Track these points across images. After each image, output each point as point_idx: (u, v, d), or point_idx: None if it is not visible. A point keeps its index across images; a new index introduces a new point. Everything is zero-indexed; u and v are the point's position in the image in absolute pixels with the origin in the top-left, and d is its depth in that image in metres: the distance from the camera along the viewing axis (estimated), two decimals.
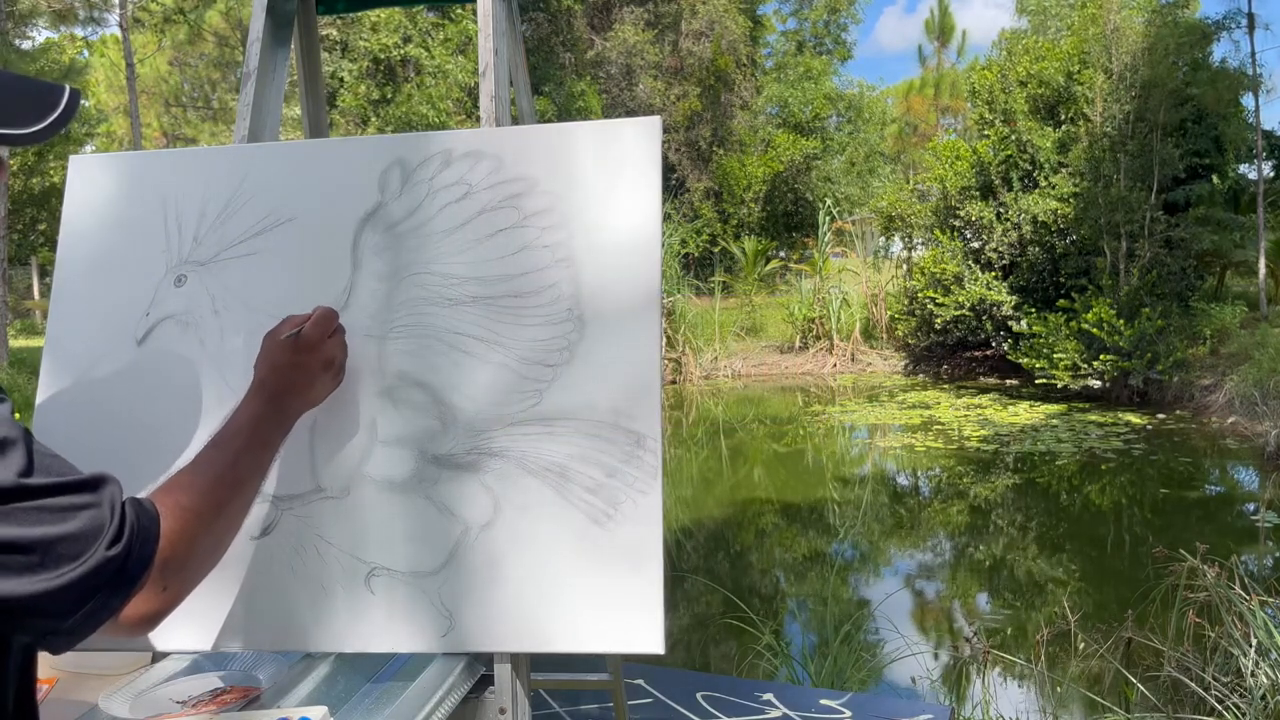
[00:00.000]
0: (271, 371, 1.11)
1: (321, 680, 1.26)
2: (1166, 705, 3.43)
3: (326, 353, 1.16)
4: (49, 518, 0.73)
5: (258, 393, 1.09)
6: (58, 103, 0.84)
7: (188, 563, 0.87)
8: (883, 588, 7.03)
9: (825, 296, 18.58)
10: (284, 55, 1.63)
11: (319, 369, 1.15)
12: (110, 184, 1.42)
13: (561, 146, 1.34)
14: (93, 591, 0.75)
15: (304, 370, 1.13)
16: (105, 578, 0.76)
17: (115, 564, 0.77)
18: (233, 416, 1.06)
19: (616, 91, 22.65)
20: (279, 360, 1.11)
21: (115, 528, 0.77)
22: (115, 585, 0.78)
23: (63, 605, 0.74)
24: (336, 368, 1.20)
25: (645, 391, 1.24)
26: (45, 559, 0.72)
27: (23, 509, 0.72)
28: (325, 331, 1.15)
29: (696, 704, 2.54)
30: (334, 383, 1.21)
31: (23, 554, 0.71)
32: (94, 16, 19.85)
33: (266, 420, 1.07)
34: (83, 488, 0.77)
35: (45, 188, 22.52)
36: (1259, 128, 15.10)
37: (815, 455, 12.07)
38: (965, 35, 47.32)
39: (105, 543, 0.76)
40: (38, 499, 0.73)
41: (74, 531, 0.74)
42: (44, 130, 0.82)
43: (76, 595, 0.74)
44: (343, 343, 1.21)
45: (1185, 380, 13.22)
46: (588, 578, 1.21)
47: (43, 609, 0.73)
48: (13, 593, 0.71)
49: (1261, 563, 6.94)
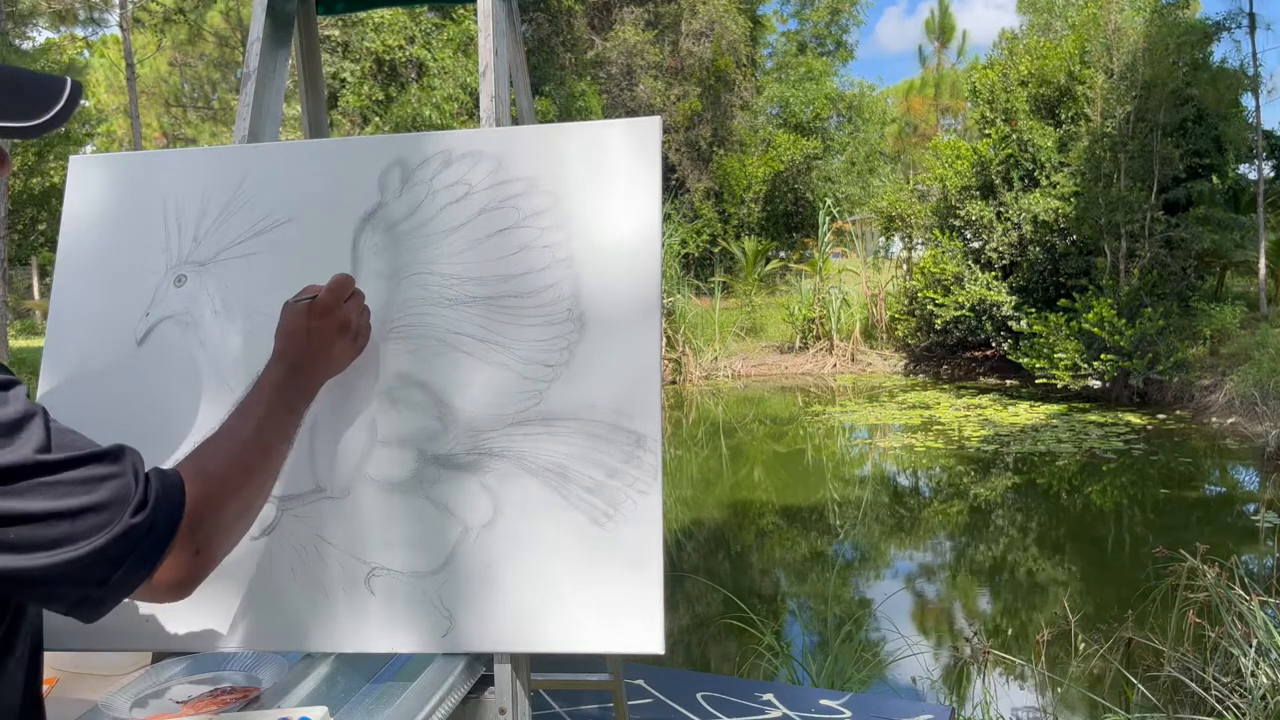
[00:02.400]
0: (289, 338, 1.13)
1: (321, 680, 1.26)
2: (1167, 705, 3.43)
3: (342, 316, 1.16)
4: (73, 490, 0.75)
5: (278, 361, 1.11)
6: (60, 95, 0.84)
7: (217, 527, 0.89)
8: (883, 588, 7.03)
9: (825, 296, 18.58)
10: (284, 55, 1.63)
11: (335, 334, 1.16)
12: (110, 184, 1.42)
13: (562, 147, 1.33)
14: (120, 559, 0.77)
15: (321, 335, 1.14)
16: (132, 544, 0.78)
17: (141, 531, 0.79)
18: (254, 386, 1.08)
19: (617, 92, 22.65)
20: (295, 326, 1.13)
21: (140, 496, 0.79)
22: (143, 552, 0.79)
23: (92, 574, 0.76)
24: (354, 332, 1.20)
25: (645, 391, 1.24)
26: (72, 530, 0.74)
27: (47, 483, 0.73)
28: (340, 296, 1.16)
29: (696, 704, 2.54)
30: (354, 348, 1.22)
31: (50, 527, 0.73)
32: (94, 17, 19.87)
33: (288, 386, 1.09)
34: (104, 458, 0.78)
35: (45, 188, 22.52)
36: (1259, 128, 15.09)
37: (815, 455, 12.07)
38: (965, 35, 47.30)
39: (130, 510, 0.78)
40: (60, 473, 0.74)
41: (99, 501, 0.76)
42: (48, 122, 0.83)
43: (105, 563, 0.76)
44: (360, 307, 1.22)
45: (1185, 380, 13.22)
46: (588, 578, 1.21)
47: (73, 578, 0.75)
48: (42, 564, 0.73)
49: (1261, 563, 6.94)
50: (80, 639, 1.24)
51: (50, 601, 0.79)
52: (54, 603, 0.79)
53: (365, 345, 1.25)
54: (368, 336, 1.26)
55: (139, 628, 1.25)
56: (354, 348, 1.22)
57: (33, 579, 0.74)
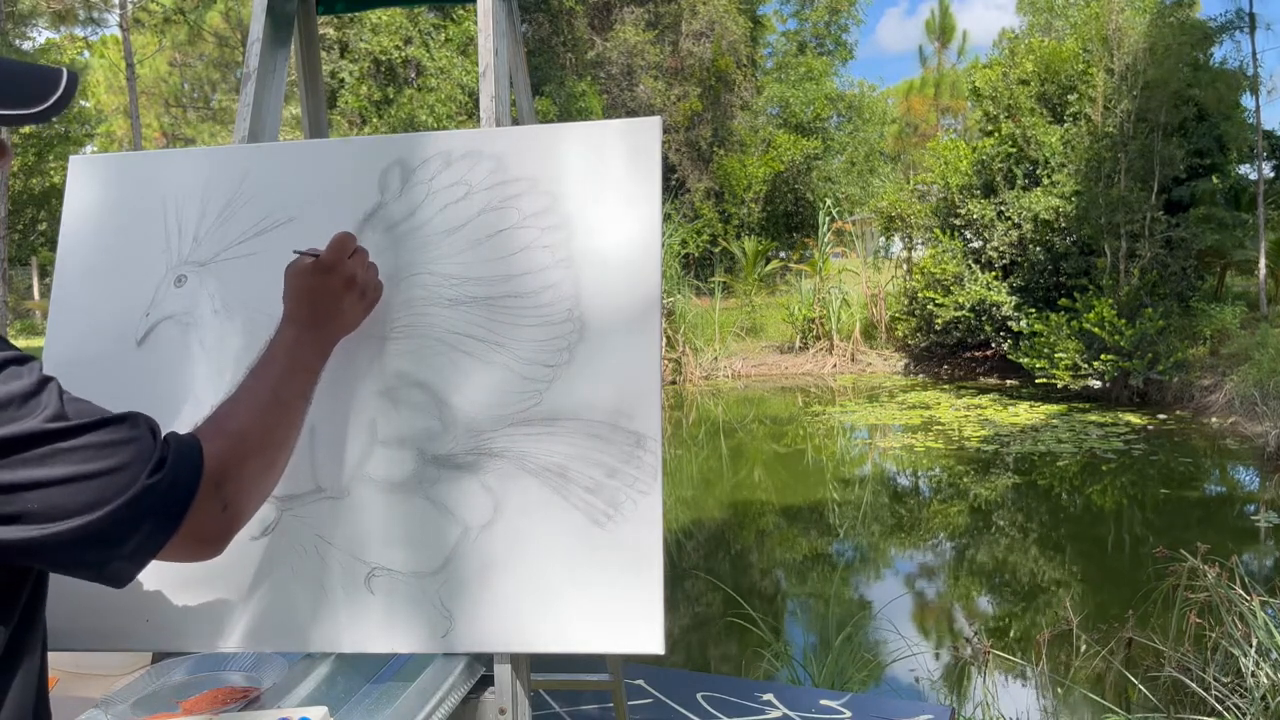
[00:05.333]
0: (296, 299, 1.13)
1: (321, 680, 1.26)
2: (1167, 705, 3.43)
3: (346, 272, 1.16)
4: (92, 454, 0.76)
5: (288, 323, 1.11)
6: (57, 84, 0.86)
7: (242, 481, 0.90)
8: (883, 588, 7.03)
9: (825, 297, 18.57)
10: (284, 56, 1.63)
11: (342, 289, 1.16)
12: (110, 184, 1.42)
13: (562, 147, 1.33)
14: (140, 519, 0.79)
15: (327, 292, 1.14)
16: (151, 504, 0.79)
17: (160, 490, 0.80)
18: (266, 349, 1.08)
19: (617, 92, 22.64)
20: (299, 285, 1.13)
21: (157, 456, 0.80)
22: (163, 511, 0.81)
23: (113, 536, 0.77)
24: (361, 287, 1.19)
25: (645, 391, 1.24)
26: (93, 494, 0.75)
27: (65, 449, 0.75)
28: (343, 253, 1.16)
29: (696, 704, 2.54)
30: (364, 304, 1.22)
31: (71, 492, 0.74)
32: (94, 17, 19.87)
33: (301, 344, 1.09)
34: (120, 422, 0.80)
35: (45, 188, 22.53)
36: (1259, 128, 15.09)
37: (815, 455, 12.06)
38: (966, 36, 47.27)
39: (147, 471, 0.79)
40: (77, 438, 0.75)
41: (118, 464, 0.77)
42: (46, 110, 0.84)
43: (125, 525, 0.78)
44: (365, 263, 1.21)
45: (1185, 380, 13.22)
46: (588, 578, 1.21)
47: (97, 541, 0.76)
48: (65, 530, 0.74)
49: (1261, 563, 6.94)
50: (80, 639, 1.24)
51: (77, 568, 0.79)
52: (81, 569, 0.80)
53: (377, 301, 1.25)
54: (378, 292, 1.25)
55: (139, 628, 1.25)
56: (364, 303, 1.22)
57: (58, 545, 0.74)
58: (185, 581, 1.25)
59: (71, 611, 1.19)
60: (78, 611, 1.21)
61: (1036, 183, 15.40)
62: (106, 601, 1.24)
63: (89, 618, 1.23)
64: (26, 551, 0.74)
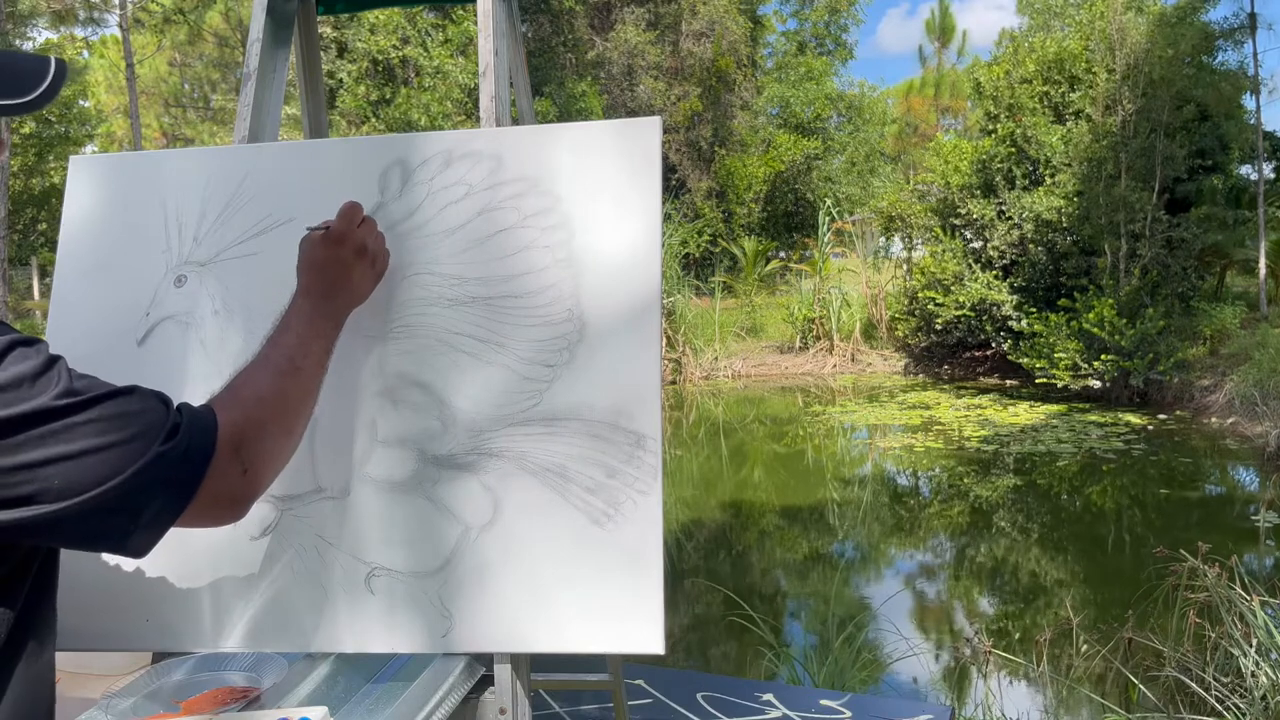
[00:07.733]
0: (310, 270, 1.15)
1: (321, 680, 1.26)
2: (1167, 705, 3.43)
3: (356, 241, 1.18)
4: (103, 427, 0.76)
5: (302, 296, 1.12)
6: (45, 73, 0.86)
7: (262, 444, 0.91)
8: (883, 588, 7.03)
9: (825, 297, 18.57)
10: (284, 56, 1.63)
11: (353, 258, 1.18)
12: (110, 184, 1.42)
13: (561, 147, 1.33)
14: (155, 487, 0.79)
15: (339, 263, 1.16)
16: (165, 471, 0.80)
17: (172, 457, 0.80)
18: (280, 321, 1.09)
19: (617, 92, 22.63)
20: (314, 257, 1.15)
21: (170, 425, 0.81)
22: (178, 478, 0.81)
23: (130, 505, 0.78)
24: (371, 255, 1.21)
25: (645, 392, 1.24)
26: (108, 467, 0.76)
27: (78, 422, 0.75)
28: (353, 222, 1.18)
29: (696, 704, 2.54)
30: (373, 273, 1.23)
31: (86, 465, 0.75)
32: (94, 17, 19.86)
33: (314, 313, 1.10)
34: (128, 393, 0.80)
35: (45, 188, 22.52)
36: (1260, 128, 15.09)
37: (815, 455, 12.06)
38: (966, 36, 47.33)
39: (160, 439, 0.79)
40: (88, 410, 0.76)
41: (129, 435, 0.78)
42: (37, 99, 0.85)
43: (141, 493, 0.78)
44: (374, 232, 1.23)
45: (1185, 380, 13.21)
46: (588, 578, 1.21)
47: (115, 510, 0.77)
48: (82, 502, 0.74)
49: (1261, 563, 6.93)
50: (80, 639, 1.24)
51: (99, 541, 0.80)
52: (102, 541, 0.80)
53: (384, 270, 1.26)
54: (386, 261, 1.27)
55: (139, 628, 1.25)
56: (373, 273, 1.23)
57: (79, 518, 0.75)
58: (186, 581, 1.25)
59: (71, 611, 1.19)
60: (78, 611, 1.21)
61: (1037, 182, 15.39)
62: (106, 601, 1.24)
63: (89, 617, 1.23)
64: (49, 529, 0.75)
